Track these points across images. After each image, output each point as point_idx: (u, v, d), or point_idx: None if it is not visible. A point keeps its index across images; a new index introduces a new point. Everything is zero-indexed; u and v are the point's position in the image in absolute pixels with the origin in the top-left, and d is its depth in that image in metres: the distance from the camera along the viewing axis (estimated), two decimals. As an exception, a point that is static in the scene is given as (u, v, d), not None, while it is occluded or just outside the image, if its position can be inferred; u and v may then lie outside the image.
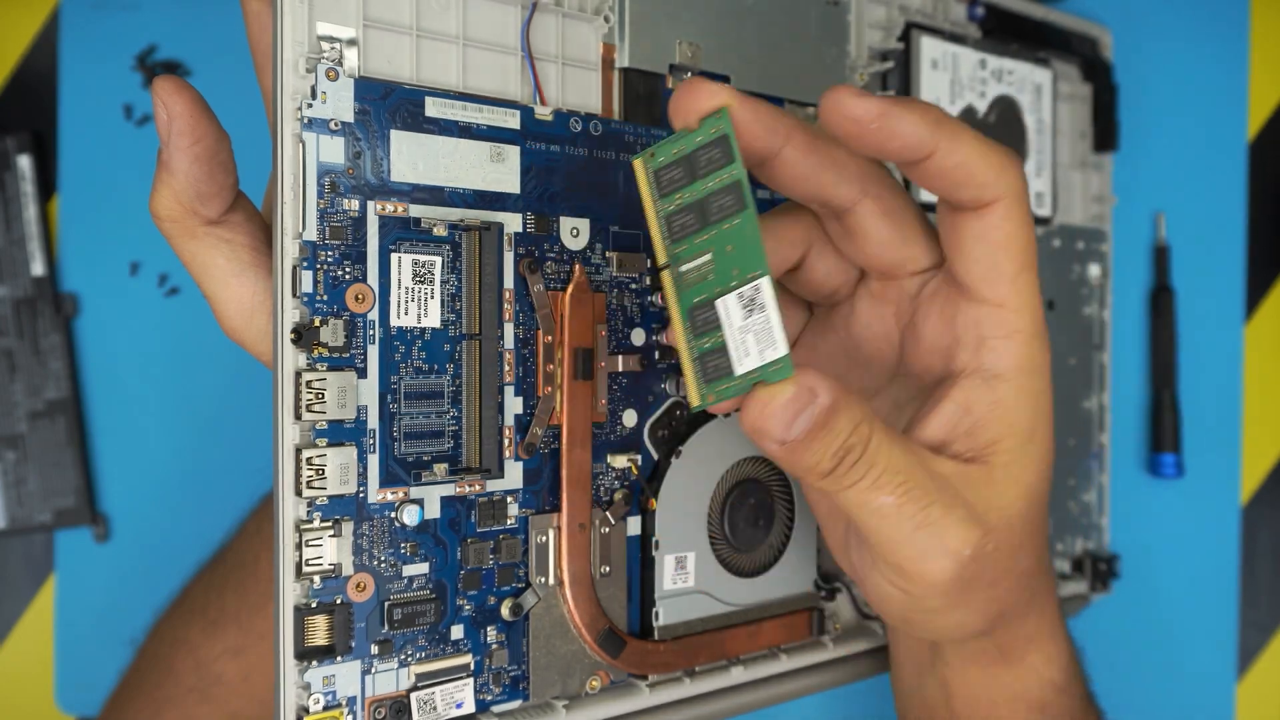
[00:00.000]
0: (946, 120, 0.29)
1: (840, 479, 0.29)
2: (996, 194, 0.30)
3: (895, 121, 0.28)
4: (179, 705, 0.50)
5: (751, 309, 0.28)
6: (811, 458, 0.29)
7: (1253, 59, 0.60)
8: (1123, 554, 0.58)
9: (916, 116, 0.29)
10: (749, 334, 0.28)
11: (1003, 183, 0.30)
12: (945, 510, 0.30)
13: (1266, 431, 0.59)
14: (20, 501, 0.56)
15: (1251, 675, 0.59)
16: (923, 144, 0.29)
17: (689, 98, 0.29)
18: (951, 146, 0.29)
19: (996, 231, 0.30)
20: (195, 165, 0.30)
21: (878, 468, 0.29)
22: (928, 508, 0.30)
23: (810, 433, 0.28)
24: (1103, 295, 0.57)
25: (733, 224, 0.29)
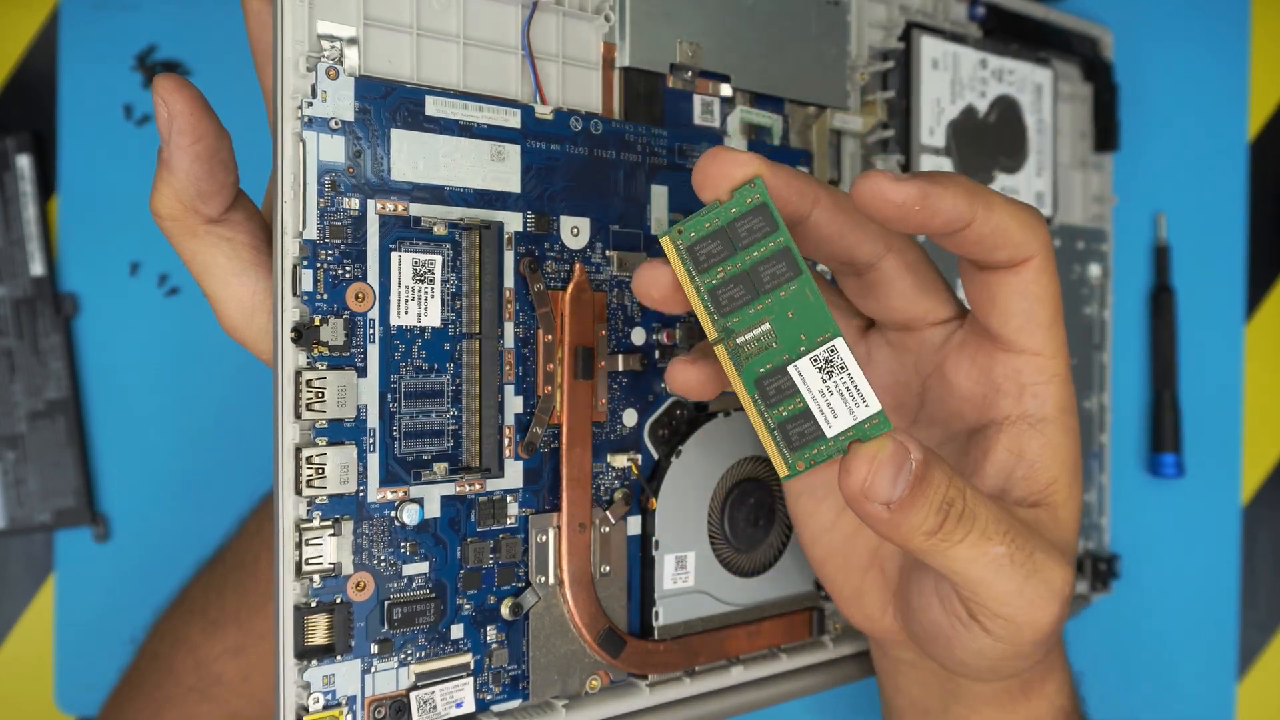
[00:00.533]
0: (978, 189, 0.30)
1: (948, 535, 0.29)
2: (1031, 251, 0.31)
3: (937, 201, 0.29)
4: (179, 705, 0.50)
5: (830, 370, 0.28)
6: (918, 516, 0.28)
7: (1253, 59, 0.60)
8: (1123, 554, 0.58)
9: (953, 193, 0.29)
10: (833, 395, 0.28)
11: (1036, 240, 0.31)
12: (1046, 555, 0.30)
13: (1266, 431, 0.59)
14: (20, 501, 0.56)
15: (1251, 675, 0.59)
16: (962, 217, 0.30)
17: (718, 168, 0.28)
18: (987, 215, 0.30)
19: (1034, 286, 0.32)
20: (196, 164, 0.30)
21: (981, 519, 0.29)
22: (1034, 555, 0.30)
23: (912, 490, 0.28)
24: (1103, 295, 0.57)
25: (789, 290, 0.28)
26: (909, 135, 0.45)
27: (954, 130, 0.47)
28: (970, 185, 0.30)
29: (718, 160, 0.28)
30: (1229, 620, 0.59)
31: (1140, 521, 0.59)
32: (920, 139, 0.45)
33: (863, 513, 0.28)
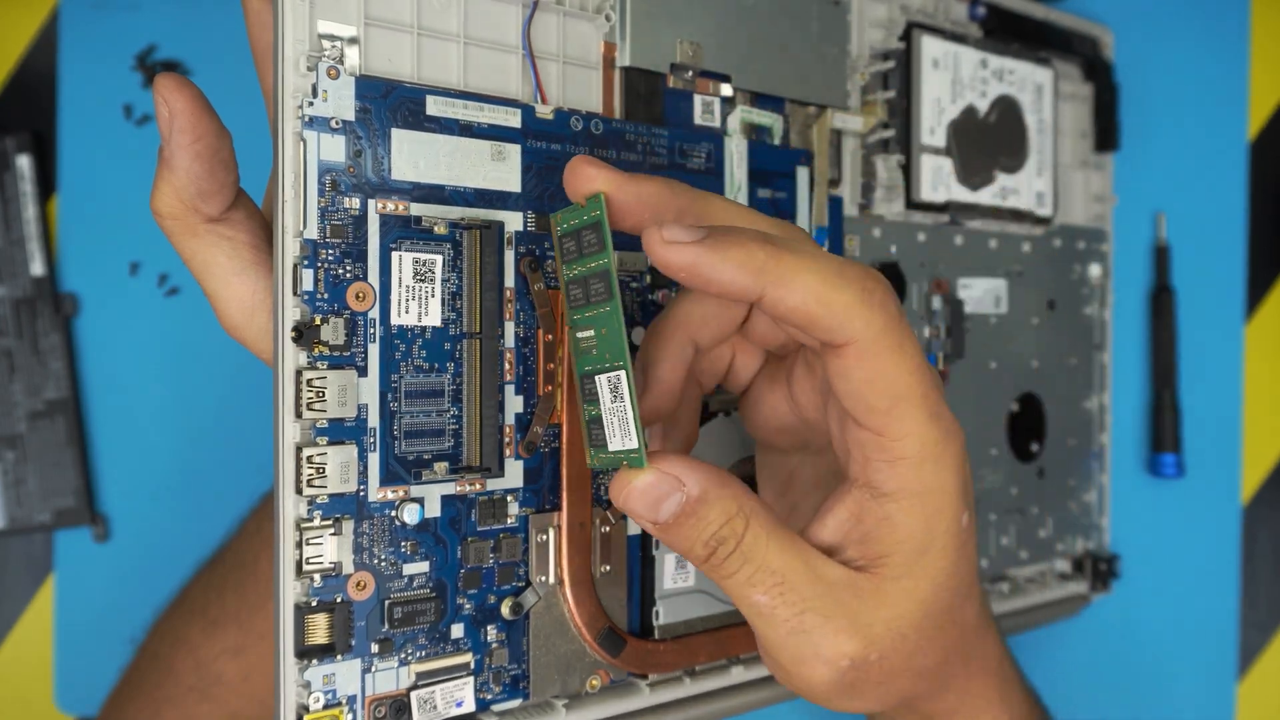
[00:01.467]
0: (775, 262, 0.27)
1: (715, 569, 0.30)
2: (845, 338, 0.28)
3: (710, 271, 0.27)
4: (179, 705, 0.50)
5: (616, 396, 0.29)
6: (683, 543, 0.30)
7: (1253, 59, 0.60)
8: (1123, 554, 0.58)
9: (735, 265, 0.27)
10: (614, 417, 0.30)
11: (852, 326, 0.28)
12: (822, 619, 0.29)
13: (1267, 431, 0.59)
14: (20, 501, 0.56)
15: (1251, 675, 0.59)
16: (745, 292, 0.27)
17: (571, 176, 0.29)
18: (781, 294, 0.27)
19: (855, 373, 0.28)
20: (197, 163, 0.30)
21: (752, 564, 0.29)
22: (803, 614, 0.29)
23: (679, 519, 0.29)
24: (1103, 295, 0.57)
25: (603, 311, 0.29)
26: (909, 135, 0.45)
27: (954, 130, 0.47)
28: (765, 257, 0.27)
29: (572, 170, 0.29)
30: (1229, 620, 0.59)
31: (1140, 521, 0.59)
32: (921, 139, 0.45)
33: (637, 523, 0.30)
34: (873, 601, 0.30)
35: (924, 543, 0.30)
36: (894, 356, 0.28)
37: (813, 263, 0.28)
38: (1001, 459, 0.51)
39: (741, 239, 0.27)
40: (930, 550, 0.30)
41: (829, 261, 0.28)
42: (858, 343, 0.28)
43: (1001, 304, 0.51)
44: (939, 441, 0.29)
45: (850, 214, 0.44)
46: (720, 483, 0.29)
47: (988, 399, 0.50)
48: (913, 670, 0.31)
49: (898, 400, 0.28)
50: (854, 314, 0.27)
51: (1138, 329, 0.60)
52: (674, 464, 0.29)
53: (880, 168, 0.45)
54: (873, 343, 0.28)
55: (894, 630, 0.30)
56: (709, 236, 0.27)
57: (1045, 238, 0.53)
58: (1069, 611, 0.54)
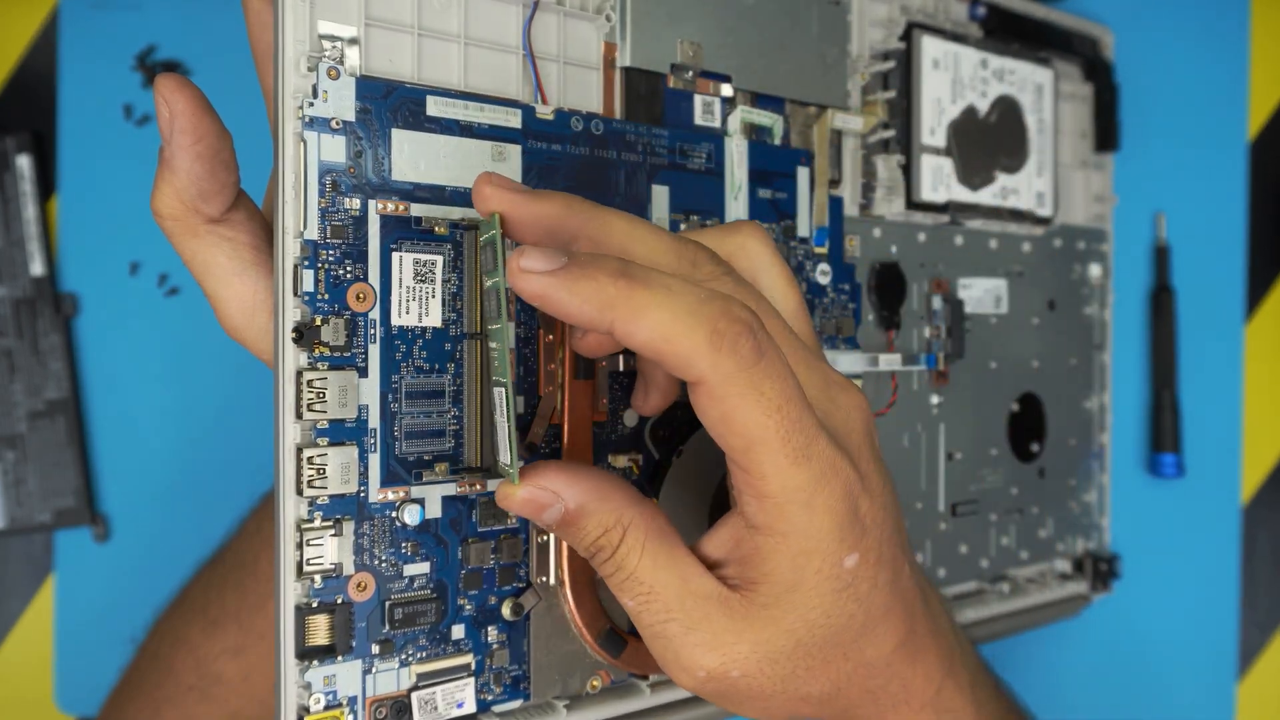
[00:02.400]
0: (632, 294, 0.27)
1: (597, 568, 0.31)
2: (695, 377, 0.27)
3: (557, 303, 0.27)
4: (179, 704, 0.50)
5: (503, 410, 0.30)
6: (570, 544, 0.31)
7: (1253, 59, 0.60)
8: (1123, 554, 0.58)
9: (582, 296, 0.26)
10: (499, 430, 0.31)
11: (698, 368, 0.27)
12: (683, 630, 0.30)
13: (1266, 431, 0.59)
14: (20, 501, 0.56)
15: (1251, 675, 0.59)
16: (592, 323, 0.27)
17: (474, 196, 0.29)
18: (629, 329, 0.27)
19: (709, 412, 0.28)
20: (197, 163, 0.30)
21: (623, 572, 0.30)
22: (666, 623, 0.30)
23: (560, 527, 0.30)
24: (1103, 295, 0.57)
25: (497, 327, 0.30)
26: (910, 135, 0.45)
27: (955, 130, 0.47)
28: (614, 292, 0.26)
29: (475, 188, 0.29)
30: (1229, 620, 0.59)
31: (1140, 521, 0.59)
32: (921, 139, 0.45)
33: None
34: (742, 622, 0.30)
35: (792, 580, 0.30)
36: (746, 400, 0.27)
37: (665, 298, 0.27)
38: (1002, 459, 0.51)
39: (595, 271, 0.27)
40: (800, 588, 0.30)
41: (686, 298, 0.27)
42: (705, 384, 0.27)
43: (1002, 304, 0.51)
44: (807, 485, 0.28)
45: (851, 214, 0.44)
46: (600, 496, 0.30)
47: (988, 399, 0.50)
48: (792, 695, 0.31)
49: (752, 443, 0.28)
50: (700, 356, 0.27)
51: (1138, 329, 0.60)
52: (553, 478, 0.30)
53: (880, 168, 0.45)
54: (720, 385, 0.27)
55: (761, 653, 0.30)
56: (564, 267, 0.27)
57: (1045, 238, 0.53)
58: (1069, 612, 0.54)
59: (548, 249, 0.27)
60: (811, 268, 0.42)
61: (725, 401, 0.27)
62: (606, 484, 0.30)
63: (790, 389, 0.28)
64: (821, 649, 0.31)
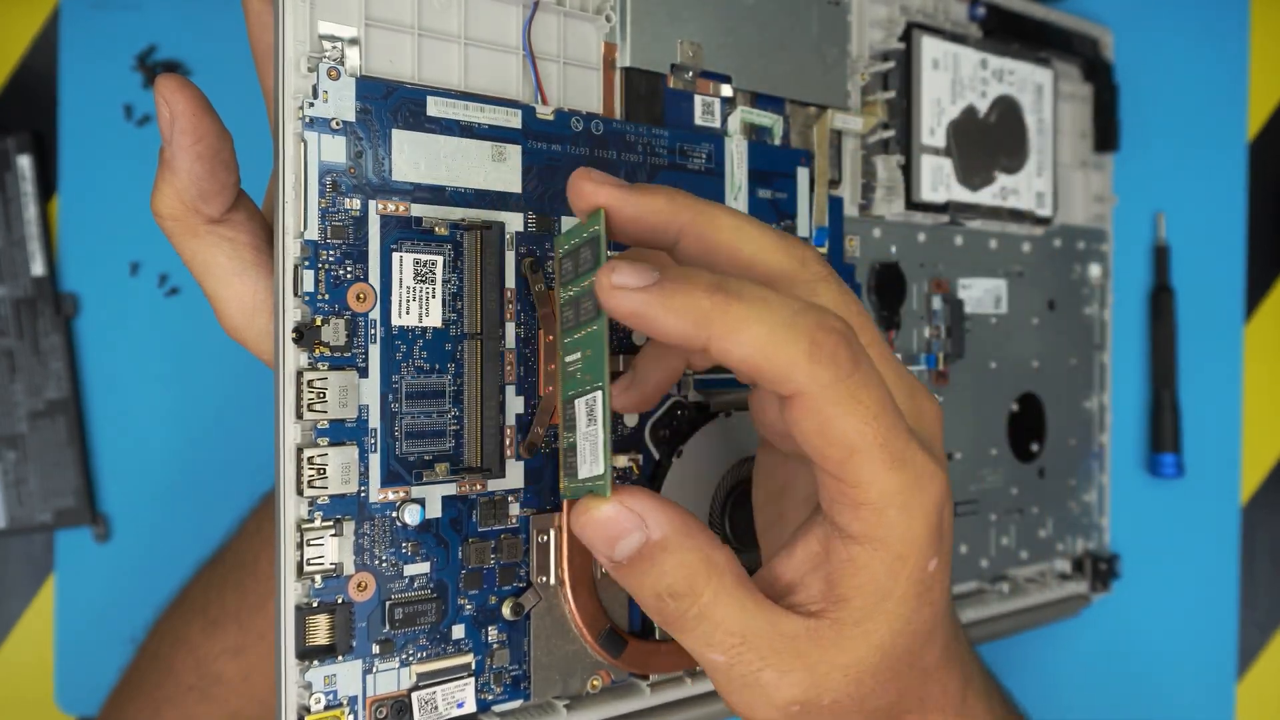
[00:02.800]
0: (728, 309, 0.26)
1: (666, 621, 0.29)
2: (792, 390, 0.27)
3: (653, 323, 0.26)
4: (179, 704, 0.50)
5: (592, 419, 0.28)
6: (635, 588, 0.29)
7: (1253, 59, 0.60)
8: (1123, 554, 0.58)
9: (677, 314, 0.26)
10: (587, 442, 0.29)
11: (797, 380, 0.26)
12: (779, 675, 0.29)
13: (1266, 431, 0.59)
14: (20, 501, 0.56)
15: (1251, 675, 0.59)
16: (687, 341, 0.26)
17: (573, 191, 0.28)
18: (725, 345, 0.26)
19: (805, 424, 0.27)
20: (198, 164, 0.30)
21: (709, 622, 0.29)
22: (760, 672, 0.29)
23: (634, 562, 0.28)
24: (1103, 295, 0.57)
25: (591, 330, 0.28)
26: (910, 135, 0.45)
27: (954, 130, 0.47)
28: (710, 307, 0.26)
29: (574, 185, 0.28)
30: (1229, 620, 0.59)
31: (1140, 521, 0.59)
32: (921, 139, 0.45)
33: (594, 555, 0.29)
34: (832, 650, 0.29)
35: (886, 588, 0.29)
36: (844, 408, 0.27)
37: (763, 312, 0.26)
38: (1001, 459, 0.51)
39: (689, 288, 0.26)
40: (891, 597, 0.29)
41: (781, 311, 0.27)
42: (804, 396, 0.27)
43: (1001, 304, 0.51)
44: (904, 490, 0.28)
45: (850, 214, 0.44)
46: (686, 531, 0.28)
47: (988, 399, 0.50)
48: (865, 711, 0.31)
49: (852, 452, 0.27)
50: (798, 369, 0.26)
51: (1138, 329, 0.60)
52: (640, 501, 0.28)
53: (880, 168, 0.45)
54: (819, 397, 0.27)
55: (850, 677, 0.30)
56: (657, 284, 0.26)
57: (1045, 238, 0.53)
58: (1069, 612, 0.54)
59: (638, 264, 0.26)
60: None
61: (823, 412, 0.27)
62: (690, 519, 0.29)
63: (885, 396, 0.28)
64: (899, 658, 0.30)
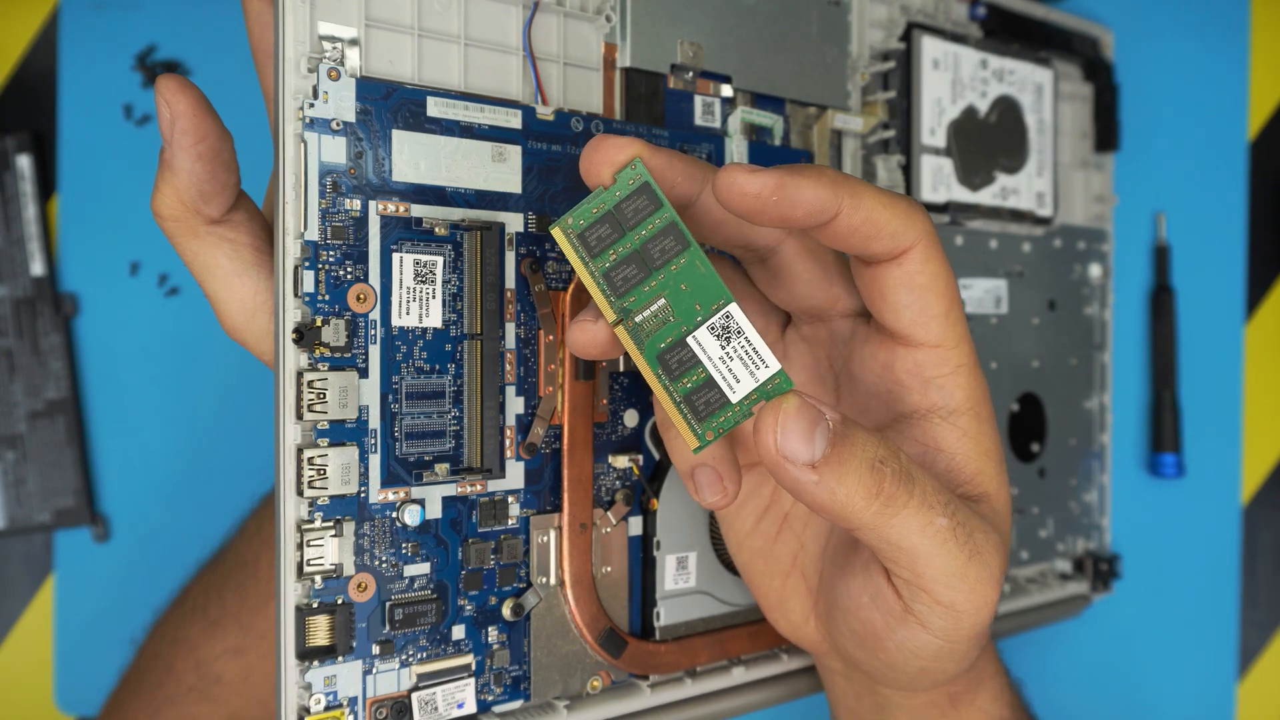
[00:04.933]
0: (844, 180, 0.29)
1: (891, 500, 0.27)
2: (910, 240, 0.30)
3: (794, 190, 0.28)
4: (179, 705, 0.50)
5: (728, 336, 0.29)
6: (850, 477, 0.27)
7: (1253, 59, 0.60)
8: (1124, 554, 0.58)
9: (813, 181, 0.29)
10: (733, 361, 0.29)
11: (914, 229, 0.30)
12: (985, 537, 0.29)
13: (1267, 431, 0.59)
14: (20, 501, 0.56)
15: (1252, 675, 0.59)
16: (825, 207, 0.29)
17: (600, 153, 0.29)
18: (855, 204, 0.29)
19: (919, 275, 0.31)
20: (198, 164, 0.30)
21: (921, 485, 0.28)
22: (974, 535, 0.29)
23: (835, 447, 0.27)
24: (1104, 295, 0.57)
25: (680, 264, 0.29)
26: (910, 135, 0.45)
27: (955, 130, 0.47)
28: (834, 175, 0.29)
29: (600, 146, 0.29)
30: (1229, 620, 0.59)
31: (1141, 521, 0.59)
32: (921, 139, 0.45)
33: (790, 481, 0.27)
34: (992, 519, 0.31)
35: (999, 448, 0.32)
36: (943, 261, 0.31)
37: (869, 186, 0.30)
38: (1002, 459, 0.51)
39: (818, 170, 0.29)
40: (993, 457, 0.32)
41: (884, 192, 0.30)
42: (919, 245, 0.30)
43: (1002, 304, 0.51)
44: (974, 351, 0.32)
45: (851, 214, 0.44)
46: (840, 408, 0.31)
47: (988, 399, 0.50)
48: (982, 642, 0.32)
49: (953, 303, 0.31)
50: (914, 219, 0.30)
51: (1138, 329, 0.60)
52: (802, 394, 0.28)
53: (880, 168, 0.45)
54: (930, 245, 0.30)
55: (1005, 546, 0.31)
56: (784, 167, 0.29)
57: (1045, 238, 0.53)
58: (1070, 612, 0.54)
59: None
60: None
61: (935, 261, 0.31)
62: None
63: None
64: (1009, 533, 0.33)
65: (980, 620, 0.30)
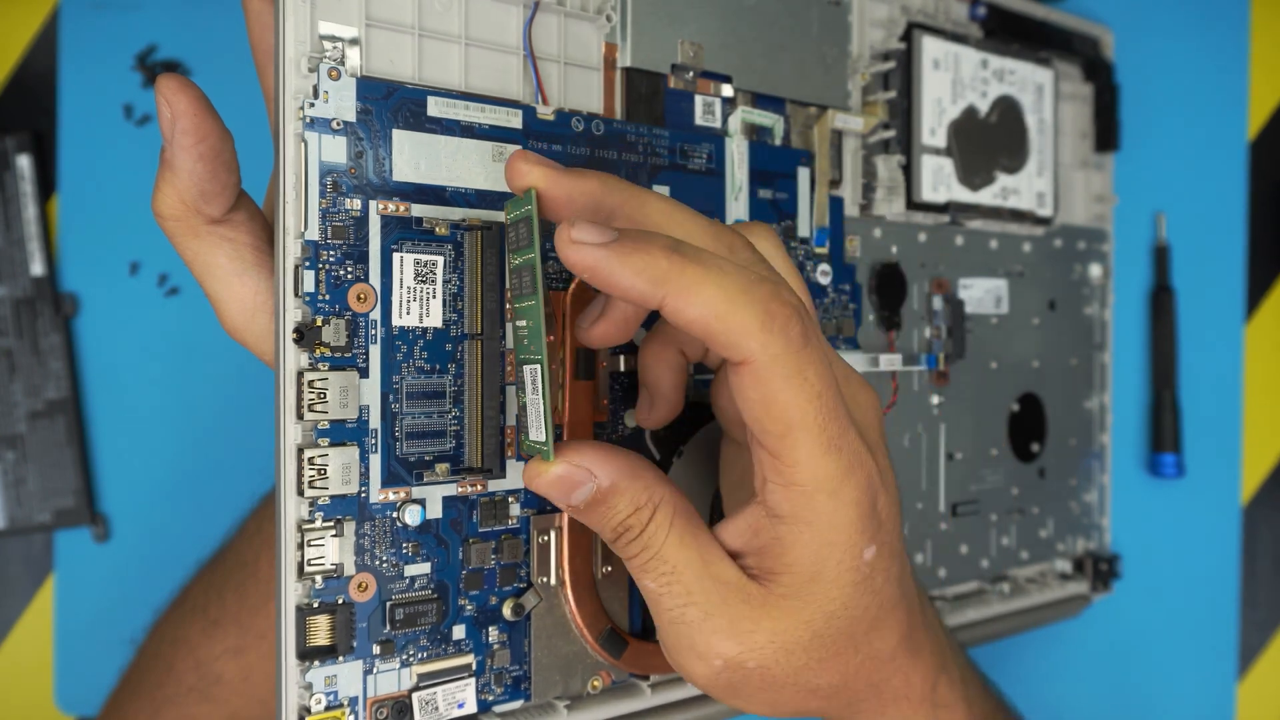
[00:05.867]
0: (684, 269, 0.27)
1: (620, 550, 0.31)
2: (741, 357, 0.27)
3: (609, 275, 0.27)
4: (179, 705, 0.50)
5: (535, 387, 0.30)
6: (595, 528, 0.31)
7: (1253, 59, 0.60)
8: (1124, 554, 0.58)
9: (634, 269, 0.27)
10: (533, 408, 0.30)
11: (747, 346, 0.27)
12: (702, 615, 0.30)
13: (1267, 431, 0.59)
14: (20, 501, 0.56)
15: (1252, 675, 0.59)
16: (644, 298, 0.27)
17: (508, 172, 0.29)
18: (680, 304, 0.27)
19: (750, 393, 0.28)
20: (199, 164, 0.30)
21: (649, 552, 0.30)
22: (685, 607, 0.30)
23: (589, 506, 0.30)
24: (1104, 295, 0.57)
25: (529, 304, 0.30)
26: (910, 135, 0.45)
27: (955, 130, 0.47)
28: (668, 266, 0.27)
29: (510, 165, 0.29)
30: (1229, 620, 0.59)
31: (1141, 521, 0.59)
32: (921, 139, 0.45)
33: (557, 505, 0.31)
34: (760, 610, 0.30)
35: (813, 571, 0.30)
36: (790, 383, 0.27)
37: (719, 277, 0.27)
38: (1002, 459, 0.51)
39: (648, 246, 0.27)
40: (821, 579, 0.30)
41: (738, 278, 0.27)
42: (753, 364, 0.27)
43: (1002, 304, 0.51)
44: (836, 475, 0.29)
45: (851, 214, 0.44)
46: (632, 474, 0.30)
47: (988, 399, 0.50)
48: (803, 687, 0.31)
49: (791, 428, 0.28)
50: (750, 336, 0.27)
51: (1138, 329, 0.60)
52: (587, 456, 0.30)
53: (881, 168, 0.45)
54: (767, 367, 0.27)
55: (778, 644, 0.30)
56: (617, 240, 0.27)
57: (1046, 238, 0.53)
58: (1070, 612, 0.54)
59: (596, 223, 0.27)
60: (812, 268, 0.42)
61: (770, 384, 0.27)
62: (637, 462, 0.31)
63: (831, 378, 0.28)
64: (836, 640, 0.31)
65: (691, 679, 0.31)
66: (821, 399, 0.28)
